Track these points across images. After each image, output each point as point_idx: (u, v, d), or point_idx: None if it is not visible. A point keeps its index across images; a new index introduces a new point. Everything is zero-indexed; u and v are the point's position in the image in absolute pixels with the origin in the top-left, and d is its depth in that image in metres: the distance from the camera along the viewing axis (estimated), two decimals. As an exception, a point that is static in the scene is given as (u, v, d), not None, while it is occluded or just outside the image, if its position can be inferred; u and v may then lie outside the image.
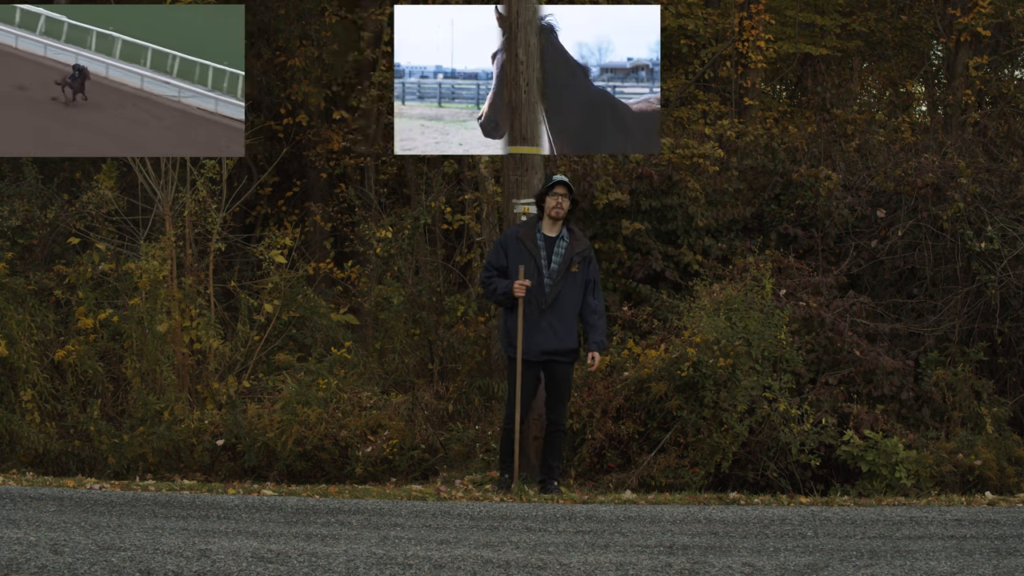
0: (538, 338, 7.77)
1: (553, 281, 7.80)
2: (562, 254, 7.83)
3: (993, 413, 9.60)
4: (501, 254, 7.90)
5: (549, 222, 7.89)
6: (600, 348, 7.92)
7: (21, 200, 11.29)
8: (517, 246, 7.86)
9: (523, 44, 8.80)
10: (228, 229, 11.16)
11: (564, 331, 7.82)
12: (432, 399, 9.77)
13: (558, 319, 7.80)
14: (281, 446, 9.27)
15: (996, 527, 6.46)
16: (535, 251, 7.81)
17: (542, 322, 7.78)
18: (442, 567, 5.00)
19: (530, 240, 7.84)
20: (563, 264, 7.81)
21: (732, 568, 5.11)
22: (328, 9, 14.78)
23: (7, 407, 9.82)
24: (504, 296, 7.81)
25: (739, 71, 14.56)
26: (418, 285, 10.23)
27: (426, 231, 10.91)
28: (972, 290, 10.29)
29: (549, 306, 7.78)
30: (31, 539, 5.40)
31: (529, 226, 7.95)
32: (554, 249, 7.85)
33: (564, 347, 7.84)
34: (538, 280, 7.79)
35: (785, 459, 8.91)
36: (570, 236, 7.91)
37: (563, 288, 7.81)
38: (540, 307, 7.78)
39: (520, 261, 7.81)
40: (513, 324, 7.85)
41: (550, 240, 7.87)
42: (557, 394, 7.93)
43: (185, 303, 10.22)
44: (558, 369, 7.87)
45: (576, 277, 7.85)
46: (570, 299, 7.84)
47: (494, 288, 7.85)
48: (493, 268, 7.92)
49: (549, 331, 7.79)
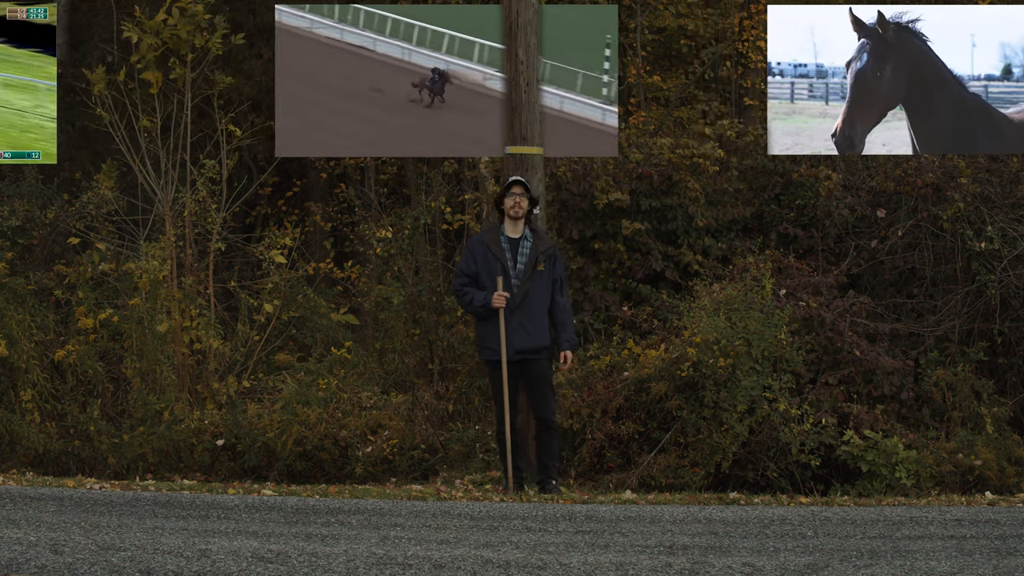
0: (511, 339, 7.86)
1: (520, 281, 7.90)
2: (527, 254, 7.93)
3: (993, 413, 9.60)
4: (471, 260, 8.00)
5: (511, 223, 8.00)
6: (572, 347, 8.03)
7: (21, 200, 11.29)
8: (483, 250, 7.97)
9: (523, 44, 8.80)
10: (228, 229, 11.16)
11: (536, 330, 7.91)
12: (432, 399, 9.77)
13: (528, 318, 7.89)
14: (281, 446, 9.28)
15: (996, 527, 6.46)
16: (500, 253, 7.92)
17: (512, 322, 7.87)
18: (442, 567, 5.00)
19: (494, 243, 7.95)
20: (528, 264, 7.91)
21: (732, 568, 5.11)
22: (328, 9, 14.78)
23: (7, 407, 9.83)
24: (483, 308, 7.89)
25: (739, 71, 14.56)
26: (418, 285, 10.23)
27: (426, 231, 10.91)
28: (972, 290, 10.29)
29: (518, 306, 7.87)
30: (31, 539, 5.40)
31: (493, 230, 8.08)
32: (519, 250, 7.96)
33: (537, 345, 7.93)
34: (505, 281, 7.88)
35: (785, 459, 8.91)
36: (533, 236, 8.02)
37: (530, 287, 7.91)
38: (510, 307, 7.87)
39: (487, 265, 7.91)
40: (487, 328, 7.92)
41: (514, 241, 7.97)
42: (538, 391, 7.97)
43: (185, 303, 10.22)
44: (533, 366, 7.93)
45: (543, 276, 7.95)
46: (538, 298, 7.93)
47: (470, 300, 7.95)
48: (465, 275, 8.01)
49: (521, 331, 7.87)
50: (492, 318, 7.89)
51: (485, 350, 8.01)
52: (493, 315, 7.88)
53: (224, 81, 11.04)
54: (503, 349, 7.83)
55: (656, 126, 12.58)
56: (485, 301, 7.87)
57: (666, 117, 13.41)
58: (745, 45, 14.34)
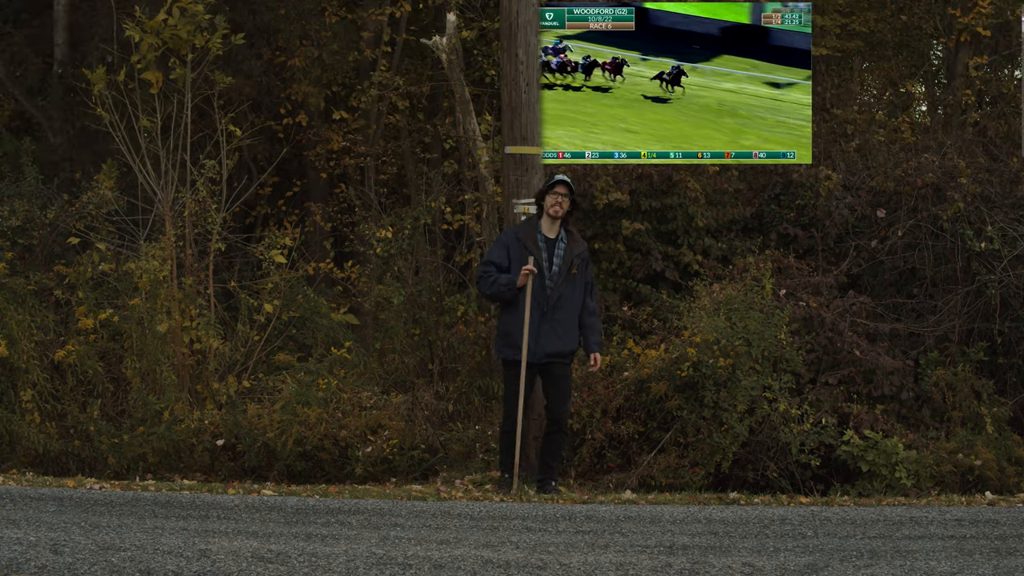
0: (541, 341, 7.73)
1: (554, 284, 7.76)
2: (562, 256, 7.80)
3: (993, 413, 9.60)
4: (503, 252, 7.81)
5: (548, 222, 7.85)
6: (600, 349, 7.98)
7: (21, 200, 11.29)
8: (518, 247, 7.80)
9: (523, 44, 8.80)
10: (228, 229, 11.15)
11: (566, 334, 7.80)
12: (432, 399, 9.76)
13: (560, 322, 7.76)
14: (281, 446, 9.27)
15: (996, 527, 6.47)
16: (536, 253, 7.76)
17: (544, 325, 7.73)
18: (442, 567, 5.00)
19: (531, 241, 7.78)
20: (564, 266, 7.78)
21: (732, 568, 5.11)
22: (328, 9, 14.78)
23: (7, 407, 9.82)
24: (507, 288, 7.71)
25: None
26: (418, 285, 10.22)
27: (426, 231, 10.90)
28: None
29: (551, 308, 7.76)
30: (31, 539, 5.40)
31: (529, 227, 7.89)
32: (554, 251, 7.82)
33: (567, 349, 7.83)
34: (539, 283, 7.75)
35: (785, 459, 8.91)
36: (568, 238, 7.88)
37: (564, 291, 7.78)
38: (542, 309, 7.73)
39: (520, 262, 7.75)
40: (512, 326, 7.77)
41: (550, 242, 7.83)
42: (561, 393, 7.88)
43: (185, 303, 10.21)
44: (557, 368, 7.84)
45: (576, 279, 7.83)
46: (571, 301, 7.81)
47: (494, 280, 7.73)
48: (493, 264, 7.82)
49: (552, 334, 7.75)
50: (517, 309, 7.70)
51: (507, 348, 7.80)
52: (515, 297, 7.69)
53: (224, 81, 11.04)
54: (524, 350, 7.69)
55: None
56: (510, 281, 7.68)
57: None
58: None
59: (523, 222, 8.19)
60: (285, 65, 14.58)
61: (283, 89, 14.58)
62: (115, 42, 12.17)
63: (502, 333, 7.88)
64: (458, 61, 10.67)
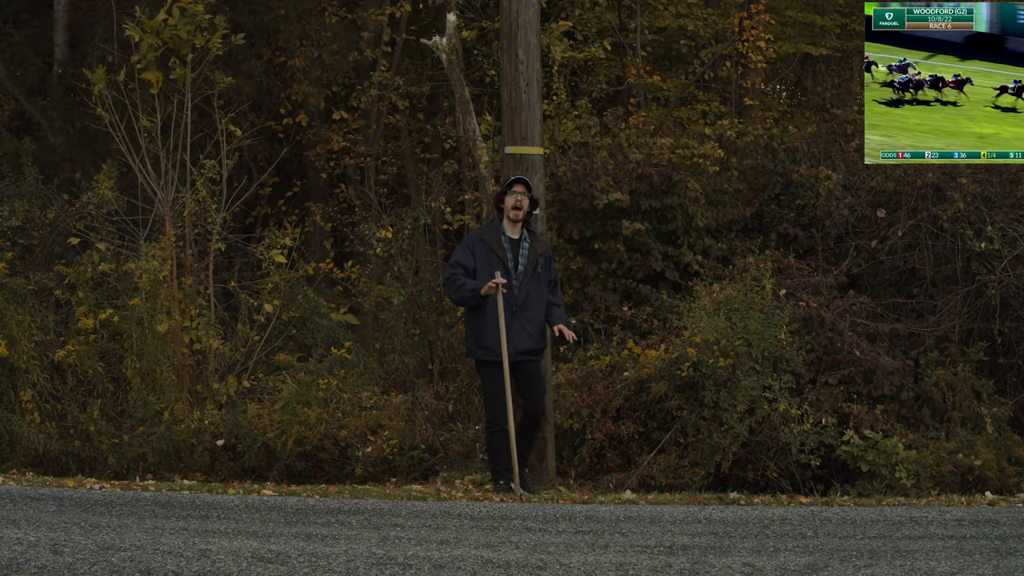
0: (513, 340, 7.78)
1: (520, 283, 7.84)
2: (527, 255, 7.87)
3: (993, 413, 9.60)
4: (469, 255, 7.88)
5: (510, 224, 7.91)
6: (565, 322, 7.92)
7: (21, 200, 11.29)
8: (484, 248, 7.87)
9: (523, 44, 8.79)
10: (228, 229, 11.15)
11: (536, 331, 7.88)
12: (432, 399, 9.76)
13: (529, 320, 7.85)
14: (281, 446, 9.28)
15: (996, 527, 6.47)
16: (502, 253, 7.83)
17: (514, 324, 7.79)
18: (442, 567, 5.00)
19: (496, 243, 7.86)
20: (529, 266, 7.86)
21: (732, 568, 5.12)
22: (328, 9, 14.79)
23: (7, 407, 9.82)
24: (472, 295, 7.76)
25: (739, 71, 14.55)
26: (418, 285, 10.22)
27: (426, 231, 10.90)
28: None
29: (520, 308, 7.82)
30: (31, 539, 5.40)
31: (493, 229, 7.96)
32: (519, 251, 7.89)
33: (538, 347, 7.92)
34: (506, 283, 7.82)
35: (785, 459, 8.91)
36: (531, 238, 7.95)
37: (531, 289, 7.86)
38: (511, 309, 7.79)
39: (488, 264, 7.82)
40: (485, 326, 7.76)
41: (514, 242, 7.90)
42: (536, 389, 7.93)
43: (185, 303, 10.22)
44: (530, 366, 7.90)
45: (540, 278, 7.91)
46: (537, 299, 7.89)
47: (461, 284, 7.78)
48: (460, 267, 7.87)
49: (523, 332, 7.82)
50: (486, 311, 7.75)
51: (481, 351, 7.84)
52: (480, 303, 7.75)
53: (224, 81, 11.04)
54: (504, 350, 7.73)
55: (656, 126, 12.58)
56: (476, 287, 7.74)
57: (666, 117, 13.41)
58: (745, 45, 14.33)
59: (487, 224, 8.25)
60: (285, 65, 14.59)
61: (283, 89, 14.58)
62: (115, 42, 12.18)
63: (473, 335, 7.91)
64: (458, 61, 10.66)
